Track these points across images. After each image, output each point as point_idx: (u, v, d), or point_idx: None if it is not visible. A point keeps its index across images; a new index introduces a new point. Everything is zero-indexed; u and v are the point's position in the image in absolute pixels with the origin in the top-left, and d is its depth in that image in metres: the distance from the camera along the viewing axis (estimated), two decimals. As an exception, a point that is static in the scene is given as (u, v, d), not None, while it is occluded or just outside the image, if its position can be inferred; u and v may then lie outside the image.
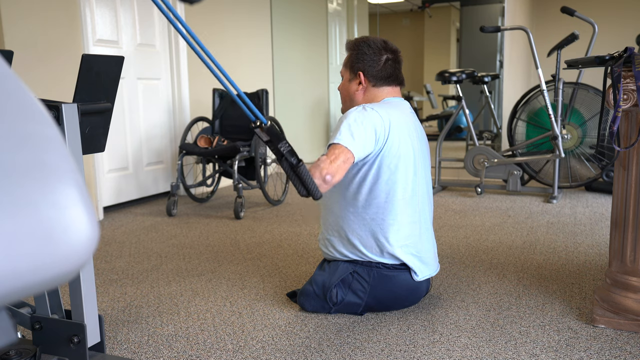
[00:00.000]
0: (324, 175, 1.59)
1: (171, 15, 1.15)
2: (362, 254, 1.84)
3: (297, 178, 1.51)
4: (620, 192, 1.74)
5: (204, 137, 3.65)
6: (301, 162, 1.50)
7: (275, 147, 1.47)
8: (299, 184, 1.52)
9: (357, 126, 1.70)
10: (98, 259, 2.60)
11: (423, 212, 1.89)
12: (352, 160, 1.67)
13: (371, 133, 1.72)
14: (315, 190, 1.54)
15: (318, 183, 1.57)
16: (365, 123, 1.71)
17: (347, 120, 1.72)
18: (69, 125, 1.29)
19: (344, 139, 1.67)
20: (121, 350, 1.66)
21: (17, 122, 0.42)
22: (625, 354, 1.56)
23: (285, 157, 1.48)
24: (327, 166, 1.61)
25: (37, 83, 3.04)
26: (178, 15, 1.14)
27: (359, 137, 1.69)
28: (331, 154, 1.65)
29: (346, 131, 1.69)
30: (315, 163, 1.64)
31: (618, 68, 1.59)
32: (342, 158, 1.65)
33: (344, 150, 1.66)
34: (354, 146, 1.67)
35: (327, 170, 1.60)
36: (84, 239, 0.41)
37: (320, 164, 1.61)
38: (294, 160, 1.48)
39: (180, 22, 1.15)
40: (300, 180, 1.51)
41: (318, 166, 1.61)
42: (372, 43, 1.89)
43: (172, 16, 1.15)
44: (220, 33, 4.48)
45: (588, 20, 3.87)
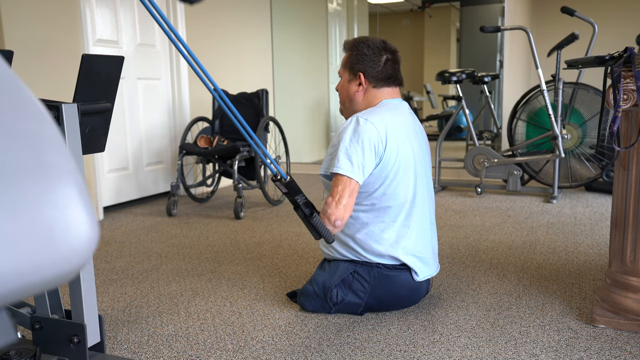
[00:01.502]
0: (333, 221, 1.71)
1: (162, 22, 1.15)
2: (363, 254, 1.84)
3: (311, 226, 1.66)
4: (620, 192, 1.74)
5: (204, 137, 3.65)
6: (314, 215, 1.64)
7: (292, 198, 1.61)
8: (313, 231, 1.67)
9: (353, 149, 1.73)
10: (98, 259, 2.60)
11: (424, 213, 1.89)
12: (357, 187, 1.74)
13: (369, 151, 1.74)
14: (328, 235, 1.69)
15: (330, 229, 1.70)
16: (361, 142, 1.73)
17: (343, 142, 1.75)
18: (69, 125, 1.29)
19: (343, 167, 1.72)
20: (121, 350, 1.66)
21: (17, 122, 0.42)
22: (625, 354, 1.56)
23: (300, 208, 1.62)
24: (335, 212, 1.71)
25: (37, 83, 3.04)
26: (179, 35, 1.14)
27: (357, 161, 1.73)
28: (335, 193, 1.72)
29: (344, 157, 1.73)
30: (324, 209, 1.73)
31: (618, 68, 1.59)
32: (347, 193, 1.71)
33: (346, 183, 1.72)
34: (355, 173, 1.72)
35: (335, 216, 1.70)
36: (84, 239, 0.41)
37: (328, 211, 1.71)
38: (307, 212, 1.63)
39: (168, 25, 1.15)
40: (314, 229, 1.66)
41: (326, 213, 1.72)
42: (372, 43, 1.89)
43: (163, 22, 1.14)
44: (220, 33, 4.48)
45: (588, 20, 3.87)
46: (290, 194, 1.61)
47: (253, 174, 3.76)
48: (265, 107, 3.77)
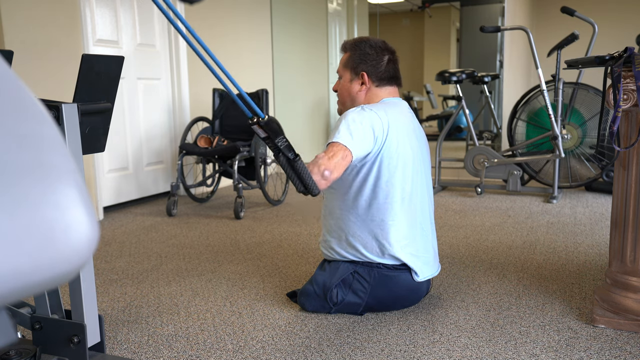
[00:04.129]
0: (322, 170, 1.59)
1: (170, 12, 1.15)
2: (363, 255, 1.84)
3: (294, 173, 1.50)
4: (620, 192, 1.74)
5: (204, 137, 3.65)
6: (298, 157, 1.49)
7: (273, 142, 1.45)
8: (296, 180, 1.52)
9: (355, 125, 1.71)
10: (98, 259, 2.60)
11: (423, 212, 1.89)
12: (350, 157, 1.68)
13: (369, 132, 1.72)
14: (313, 186, 1.53)
15: (316, 179, 1.57)
16: (363, 122, 1.72)
17: (346, 120, 1.73)
18: (69, 125, 1.29)
19: (342, 137, 1.68)
20: (121, 350, 1.66)
21: (17, 122, 0.42)
22: (625, 354, 1.56)
23: (282, 152, 1.47)
24: (326, 162, 1.61)
25: (37, 83, 3.04)
26: (176, 11, 1.14)
27: (357, 136, 1.69)
28: (329, 151, 1.66)
29: (345, 130, 1.70)
30: (313, 160, 1.64)
31: (618, 68, 1.59)
32: (341, 155, 1.66)
33: (342, 148, 1.67)
34: (352, 144, 1.68)
35: (325, 165, 1.60)
36: (84, 239, 0.41)
37: (319, 160, 1.62)
38: (291, 155, 1.48)
39: (178, 17, 1.15)
40: (298, 176, 1.50)
41: (316, 162, 1.61)
42: (374, 43, 1.89)
43: (172, 14, 1.15)
44: (221, 33, 4.48)
45: (588, 20, 3.87)
46: (270, 137, 1.45)
47: (253, 174, 3.75)
48: (265, 107, 3.77)
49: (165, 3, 1.11)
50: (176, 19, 1.34)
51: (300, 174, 1.50)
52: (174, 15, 1.14)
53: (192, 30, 1.18)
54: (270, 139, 1.46)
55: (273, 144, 1.46)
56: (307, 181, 1.51)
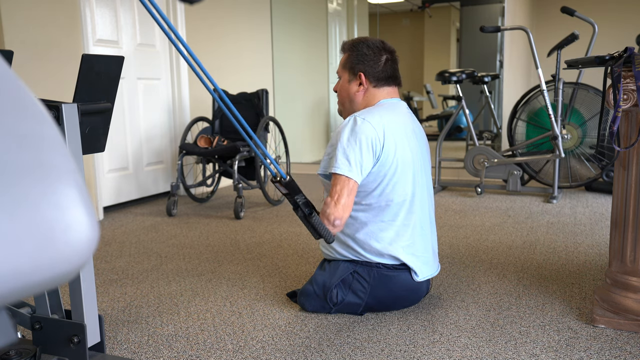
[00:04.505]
0: (332, 221, 1.72)
1: (163, 24, 1.15)
2: (363, 255, 1.84)
3: (310, 226, 1.66)
4: (620, 192, 1.74)
5: (204, 137, 3.65)
6: (314, 214, 1.64)
7: (292, 198, 1.62)
8: (312, 231, 1.67)
9: (351, 148, 1.73)
10: (98, 259, 2.60)
11: (423, 212, 1.89)
12: (355, 187, 1.75)
13: (367, 150, 1.74)
14: (328, 236, 1.69)
15: (330, 228, 1.71)
16: (359, 141, 1.73)
17: (341, 142, 1.75)
18: (69, 125, 1.29)
19: (341, 167, 1.73)
20: (121, 350, 1.66)
21: (17, 122, 0.42)
22: (625, 354, 1.56)
23: (300, 208, 1.63)
24: (334, 211, 1.71)
25: (37, 83, 3.04)
26: (179, 35, 1.14)
27: (355, 161, 1.73)
28: (334, 193, 1.73)
29: (342, 157, 1.74)
30: (323, 209, 1.74)
31: (618, 68, 1.59)
32: (346, 192, 1.72)
33: (344, 182, 1.72)
34: (353, 172, 1.73)
35: (334, 216, 1.71)
36: (84, 239, 0.41)
37: (327, 210, 1.72)
38: (307, 211, 1.63)
39: (171, 28, 1.15)
40: (313, 228, 1.66)
41: (325, 213, 1.72)
42: (371, 43, 1.89)
43: (165, 24, 1.14)
44: (221, 34, 4.48)
45: (588, 20, 3.87)
46: (290, 194, 1.62)
47: (253, 174, 3.75)
48: (265, 107, 3.77)
49: (156, 10, 1.11)
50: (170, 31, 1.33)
51: (315, 227, 1.66)
52: (165, 23, 1.14)
53: (179, 35, 1.18)
54: (290, 195, 1.61)
55: (293, 200, 1.62)
56: (321, 232, 1.67)
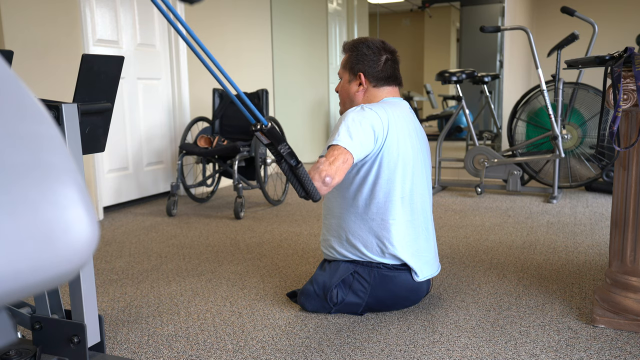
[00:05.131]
0: (323, 177, 1.60)
1: (170, 15, 1.15)
2: (363, 254, 1.84)
3: (296, 180, 1.52)
4: (620, 192, 1.74)
5: (204, 137, 3.65)
6: (300, 164, 1.51)
7: (275, 149, 1.48)
8: (298, 186, 1.54)
9: (355, 126, 1.71)
10: (98, 259, 2.60)
11: (424, 212, 1.89)
12: (351, 161, 1.68)
13: (369, 132, 1.72)
14: (314, 192, 1.55)
15: (318, 185, 1.59)
16: (363, 123, 1.72)
17: (345, 121, 1.73)
18: (69, 125, 1.29)
19: (342, 139, 1.68)
20: (121, 350, 1.66)
21: (17, 122, 0.42)
22: (625, 354, 1.56)
23: (284, 158, 1.49)
24: (327, 168, 1.61)
25: (37, 83, 3.04)
26: (177, 14, 1.14)
27: (357, 137, 1.69)
28: (330, 155, 1.66)
29: (344, 132, 1.70)
30: (314, 165, 1.64)
31: (618, 68, 1.59)
32: (342, 159, 1.65)
33: (342, 151, 1.67)
34: (353, 146, 1.68)
35: (326, 172, 1.61)
36: (84, 239, 0.41)
37: (320, 166, 1.62)
38: (293, 162, 1.49)
39: (179, 20, 1.15)
40: (299, 182, 1.53)
41: (317, 168, 1.62)
42: (371, 44, 1.90)
43: (172, 16, 1.15)
44: (220, 33, 4.48)
45: (588, 20, 3.87)
46: (273, 144, 1.47)
47: (253, 174, 3.75)
48: (265, 107, 3.77)
49: (165, 5, 1.11)
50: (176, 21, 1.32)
51: (301, 180, 1.52)
52: (174, 16, 1.14)
53: (190, 30, 1.18)
54: (273, 146, 1.47)
55: (276, 151, 1.48)
56: (308, 187, 1.53)
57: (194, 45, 1.23)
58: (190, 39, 1.22)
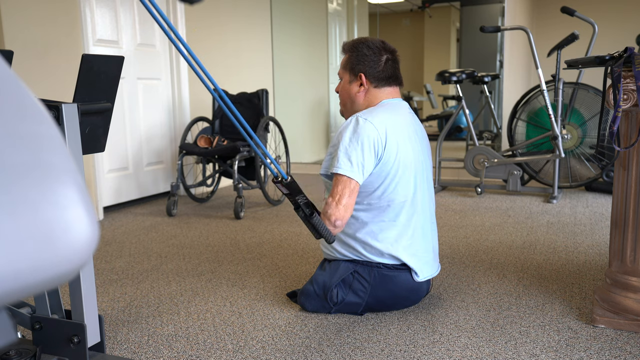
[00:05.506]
0: (333, 221, 1.72)
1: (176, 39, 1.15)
2: (363, 255, 1.84)
3: (311, 226, 1.67)
4: (620, 192, 1.74)
5: (204, 137, 3.65)
6: (315, 214, 1.65)
7: (294, 199, 1.63)
8: (313, 231, 1.68)
9: (352, 148, 1.73)
10: (98, 259, 2.60)
11: (424, 212, 1.89)
12: (357, 187, 1.75)
13: (369, 151, 1.74)
14: (328, 235, 1.70)
15: (331, 229, 1.72)
16: (361, 142, 1.73)
17: (343, 142, 1.75)
18: (69, 125, 1.29)
19: (342, 167, 1.73)
20: (121, 350, 1.66)
21: (17, 122, 0.42)
22: (625, 354, 1.56)
23: (301, 208, 1.64)
24: (335, 212, 1.72)
25: (37, 83, 3.04)
26: (179, 35, 1.14)
27: (356, 161, 1.73)
28: (335, 193, 1.73)
29: (344, 157, 1.74)
30: (324, 209, 1.75)
31: (618, 68, 1.59)
32: (347, 193, 1.73)
33: (346, 183, 1.73)
34: (355, 173, 1.73)
35: (335, 216, 1.72)
36: (84, 239, 0.41)
37: (328, 211, 1.73)
38: (308, 212, 1.64)
39: (180, 40, 1.15)
40: (314, 228, 1.67)
41: (326, 213, 1.73)
42: (372, 44, 1.89)
43: (172, 34, 1.14)
44: (220, 33, 4.48)
45: (588, 20, 3.87)
46: (291, 194, 1.63)
47: (253, 174, 3.75)
48: (265, 107, 3.77)
49: (159, 14, 1.11)
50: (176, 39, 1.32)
51: (316, 227, 1.67)
52: (175, 36, 1.14)
53: (180, 37, 1.18)
54: (291, 195, 1.63)
55: (294, 200, 1.63)
56: (322, 232, 1.68)
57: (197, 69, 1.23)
58: (178, 42, 1.22)
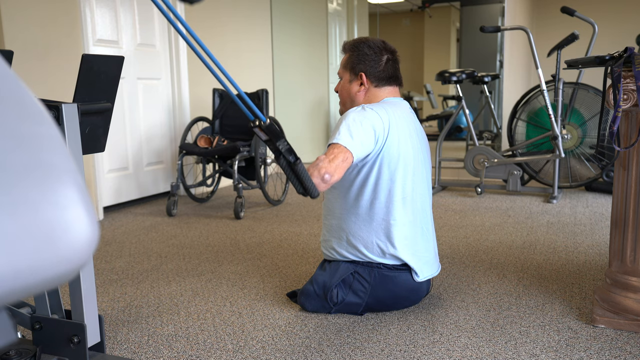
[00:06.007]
0: (322, 174, 1.59)
1: (170, 14, 1.15)
2: (364, 255, 1.84)
3: (294, 176, 1.51)
4: (620, 192, 1.74)
5: (204, 137, 3.65)
6: (299, 160, 1.50)
7: (274, 145, 1.47)
8: (296, 182, 1.53)
9: (355, 126, 1.70)
10: (98, 259, 2.60)
11: (424, 212, 1.89)
12: (351, 159, 1.67)
13: (370, 132, 1.72)
14: (313, 188, 1.54)
15: (316, 182, 1.57)
16: (364, 123, 1.72)
17: (346, 120, 1.72)
18: (69, 125, 1.29)
19: (342, 138, 1.68)
20: (121, 350, 1.66)
21: (17, 122, 0.42)
22: (625, 354, 1.56)
23: (283, 154, 1.48)
24: (326, 165, 1.60)
25: (37, 83, 3.04)
26: (177, 13, 1.14)
27: (357, 137, 1.69)
28: (330, 153, 1.65)
29: (345, 131, 1.69)
30: (314, 162, 1.63)
31: (618, 68, 1.59)
32: (341, 157, 1.65)
33: (342, 150, 1.66)
34: (353, 145, 1.67)
35: (325, 169, 1.60)
36: (84, 239, 0.41)
37: (319, 163, 1.61)
38: (291, 158, 1.48)
39: (179, 19, 1.15)
40: (298, 178, 1.51)
41: (316, 165, 1.61)
42: (372, 43, 1.89)
43: (172, 15, 1.15)
44: (220, 33, 4.48)
45: (588, 20, 3.87)
46: (272, 140, 1.46)
47: (253, 174, 3.75)
48: (265, 107, 3.77)
49: (165, 4, 1.11)
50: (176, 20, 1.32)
51: (300, 176, 1.51)
52: (174, 16, 1.14)
53: (191, 30, 1.18)
54: (271, 142, 1.47)
55: (274, 147, 1.47)
56: (306, 184, 1.52)
57: (194, 44, 1.23)
58: (190, 37, 1.22)
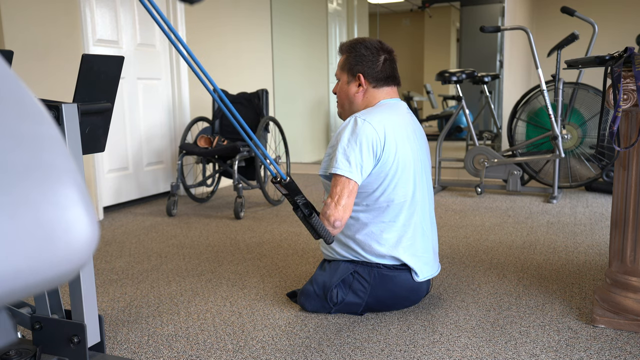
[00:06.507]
0: (332, 222, 1.72)
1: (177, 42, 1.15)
2: (363, 255, 1.84)
3: (310, 227, 1.67)
4: (620, 192, 1.74)
5: (204, 137, 3.65)
6: (314, 214, 1.65)
7: (292, 199, 1.63)
8: (312, 231, 1.69)
9: (351, 149, 1.73)
10: (98, 259, 2.60)
11: (424, 213, 1.89)
12: (355, 188, 1.75)
13: (367, 151, 1.74)
14: (328, 236, 1.71)
15: (330, 229, 1.72)
16: (359, 142, 1.73)
17: (341, 143, 1.75)
18: (69, 125, 1.29)
19: (341, 167, 1.73)
20: (121, 350, 1.66)
21: (17, 122, 0.42)
22: (625, 354, 1.56)
23: (300, 208, 1.64)
24: (334, 213, 1.72)
25: (37, 83, 3.04)
26: (179, 36, 1.14)
27: (355, 161, 1.73)
28: (334, 194, 1.73)
29: (342, 157, 1.74)
30: (323, 210, 1.75)
31: (618, 68, 1.59)
32: (346, 193, 1.72)
33: (344, 183, 1.73)
34: (353, 173, 1.73)
35: (334, 217, 1.72)
36: (84, 239, 0.41)
37: (327, 212, 1.73)
38: (307, 212, 1.64)
39: (180, 41, 1.15)
40: (313, 229, 1.67)
41: (325, 214, 1.73)
42: (369, 44, 1.89)
43: (176, 40, 1.14)
44: (221, 34, 4.48)
45: (588, 20, 3.87)
46: (290, 195, 1.63)
47: (253, 174, 3.75)
48: (265, 107, 3.77)
49: (157, 13, 1.11)
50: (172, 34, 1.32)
51: (315, 227, 1.67)
52: (175, 38, 1.14)
53: (180, 38, 1.18)
54: (290, 196, 1.62)
55: (292, 200, 1.63)
56: (321, 233, 1.68)
57: (195, 68, 1.23)
58: (180, 45, 1.22)
